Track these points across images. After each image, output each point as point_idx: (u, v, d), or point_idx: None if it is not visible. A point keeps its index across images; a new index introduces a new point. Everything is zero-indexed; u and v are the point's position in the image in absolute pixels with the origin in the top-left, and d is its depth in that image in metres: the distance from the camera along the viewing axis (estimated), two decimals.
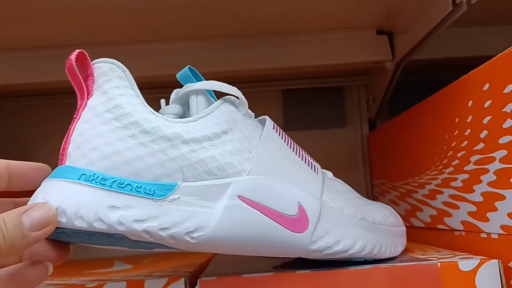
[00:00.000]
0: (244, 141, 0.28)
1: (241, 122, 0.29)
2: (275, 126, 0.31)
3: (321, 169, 0.32)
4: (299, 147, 0.31)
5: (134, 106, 0.26)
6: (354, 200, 0.32)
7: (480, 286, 0.28)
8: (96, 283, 0.29)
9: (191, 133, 0.27)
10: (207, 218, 0.26)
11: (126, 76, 0.27)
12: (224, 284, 0.28)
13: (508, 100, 0.28)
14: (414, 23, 0.43)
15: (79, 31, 0.46)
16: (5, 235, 0.22)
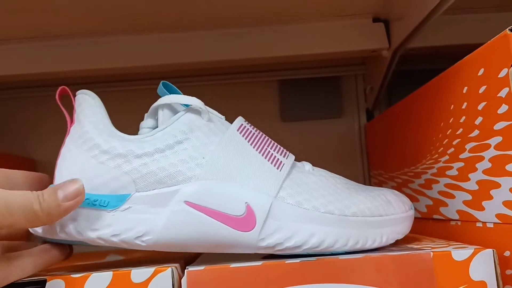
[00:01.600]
0: (200, 148, 0.30)
1: (200, 130, 0.31)
2: (242, 127, 0.32)
3: (292, 162, 0.32)
4: (269, 144, 0.32)
5: (99, 130, 0.30)
6: (327, 192, 0.31)
7: (474, 276, 0.27)
8: (82, 274, 0.28)
9: (144, 148, 0.30)
10: (154, 223, 0.29)
11: (95, 104, 0.31)
12: (211, 274, 0.27)
13: (503, 84, 0.27)
14: (409, 9, 0.42)
15: (75, 21, 0.46)
16: (42, 204, 0.27)
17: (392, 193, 0.33)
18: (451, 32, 0.46)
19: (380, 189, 0.33)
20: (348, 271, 0.27)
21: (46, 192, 0.27)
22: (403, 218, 0.32)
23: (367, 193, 0.32)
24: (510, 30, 0.26)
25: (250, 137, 0.32)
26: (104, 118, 0.31)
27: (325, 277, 0.27)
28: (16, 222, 0.26)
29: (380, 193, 0.32)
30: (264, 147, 0.32)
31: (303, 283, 0.27)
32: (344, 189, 0.32)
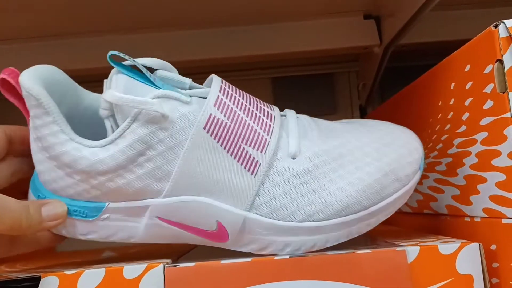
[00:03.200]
0: (165, 158, 0.28)
1: (161, 141, 0.28)
2: (210, 121, 0.28)
3: (274, 150, 0.29)
4: (245, 134, 0.28)
5: (54, 136, 0.28)
6: (307, 198, 0.29)
7: (460, 269, 0.28)
8: (75, 270, 0.29)
9: (105, 163, 0.28)
10: (135, 230, 0.30)
11: (43, 104, 0.28)
12: (190, 271, 0.28)
13: (488, 80, 0.28)
14: (399, 6, 0.42)
15: (73, 20, 0.46)
16: (27, 218, 0.28)
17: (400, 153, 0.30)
18: (441, 28, 0.47)
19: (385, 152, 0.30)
20: (338, 266, 0.28)
21: (32, 206, 0.29)
22: (392, 202, 0.30)
23: (362, 172, 0.29)
24: (495, 27, 0.27)
25: (221, 133, 0.28)
26: (58, 118, 0.28)
27: (313, 272, 0.28)
28: (3, 229, 0.27)
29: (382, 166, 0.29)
30: (237, 144, 0.28)
31: (291, 278, 0.28)
32: (330, 173, 0.29)
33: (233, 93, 0.30)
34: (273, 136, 0.29)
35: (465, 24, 0.46)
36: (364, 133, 0.31)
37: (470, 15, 0.46)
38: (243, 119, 0.29)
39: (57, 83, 0.30)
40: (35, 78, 0.28)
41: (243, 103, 0.30)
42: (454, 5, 0.45)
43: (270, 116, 0.30)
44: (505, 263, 0.28)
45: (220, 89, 0.29)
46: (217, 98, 0.29)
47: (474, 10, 0.46)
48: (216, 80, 0.30)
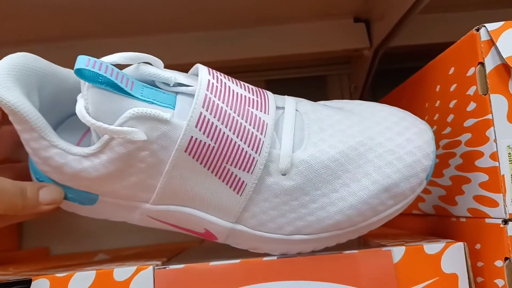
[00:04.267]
0: (148, 176, 0.27)
1: (141, 161, 0.27)
2: (191, 143, 0.26)
3: (259, 175, 0.27)
4: (229, 156, 0.26)
5: (36, 142, 0.27)
6: (296, 213, 0.28)
7: (445, 269, 0.28)
8: (66, 273, 0.29)
9: (89, 173, 0.27)
10: (130, 217, 0.30)
11: (18, 112, 0.26)
12: (180, 274, 0.28)
13: (471, 83, 0.28)
14: (388, 10, 0.43)
15: (74, 24, 0.46)
16: (24, 200, 0.28)
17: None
18: (429, 31, 0.47)
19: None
20: (323, 268, 0.28)
21: (29, 188, 0.28)
22: (385, 218, 0.28)
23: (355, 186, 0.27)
24: (477, 30, 0.27)
25: (203, 155, 0.26)
26: (40, 125, 0.27)
27: (303, 272, 0.28)
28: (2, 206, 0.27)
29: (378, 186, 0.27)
30: (221, 165, 0.26)
31: (280, 279, 0.28)
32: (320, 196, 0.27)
33: (219, 102, 0.26)
34: (262, 153, 0.27)
35: (451, 26, 0.46)
36: (370, 135, 0.28)
37: (457, 18, 0.47)
38: (228, 137, 0.26)
39: (33, 70, 0.27)
40: (6, 79, 0.26)
41: (230, 115, 0.26)
42: (440, 7, 0.46)
43: (261, 125, 0.27)
44: (489, 262, 0.28)
45: (204, 102, 0.26)
46: (199, 116, 0.26)
47: (461, 13, 0.47)
48: (202, 83, 0.27)
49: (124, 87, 0.25)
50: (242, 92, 0.28)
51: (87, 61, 0.25)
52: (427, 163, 0.27)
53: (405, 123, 0.28)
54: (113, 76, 0.25)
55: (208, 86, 0.27)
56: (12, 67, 0.26)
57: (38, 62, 0.28)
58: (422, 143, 0.27)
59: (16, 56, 0.27)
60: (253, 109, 0.27)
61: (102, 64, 0.25)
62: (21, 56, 0.27)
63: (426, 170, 0.27)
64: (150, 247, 0.51)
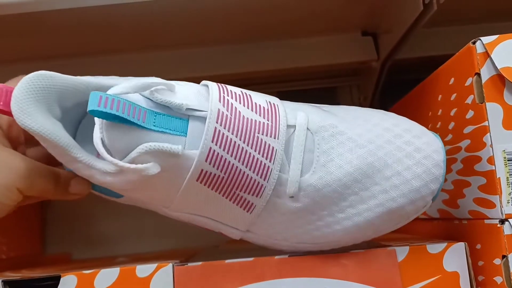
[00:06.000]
0: (163, 191, 0.28)
1: (154, 184, 0.28)
2: (202, 175, 0.27)
3: (267, 199, 0.28)
4: (240, 183, 0.28)
5: (62, 156, 0.28)
6: (300, 230, 0.30)
7: (447, 267, 0.30)
8: (92, 270, 0.31)
9: (113, 185, 0.28)
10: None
11: (42, 134, 0.27)
12: (197, 270, 0.30)
13: (469, 92, 0.30)
14: (394, 23, 0.45)
15: (89, 40, 0.49)
16: (56, 187, 0.31)
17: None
18: (433, 43, 0.49)
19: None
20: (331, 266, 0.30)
21: (63, 176, 0.31)
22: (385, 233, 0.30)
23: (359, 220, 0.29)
24: (473, 43, 0.29)
25: (214, 183, 0.28)
26: (64, 142, 0.27)
27: (310, 270, 0.30)
28: (35, 193, 0.30)
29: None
30: (232, 190, 0.28)
31: (290, 276, 0.30)
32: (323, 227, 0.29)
33: (228, 133, 0.27)
34: (271, 179, 0.28)
35: (453, 39, 0.48)
36: (380, 156, 0.28)
37: (459, 31, 0.49)
38: (238, 168, 0.27)
39: (51, 88, 0.28)
40: (27, 104, 0.27)
41: (240, 146, 0.27)
42: (442, 22, 0.48)
43: (269, 152, 0.28)
44: (488, 261, 0.30)
45: (214, 136, 0.27)
46: (209, 151, 0.27)
47: (462, 27, 0.48)
48: (211, 115, 0.27)
49: (137, 121, 0.26)
50: (252, 117, 0.28)
51: (99, 100, 0.25)
52: (434, 187, 0.28)
53: (412, 148, 0.28)
54: (125, 112, 0.26)
55: (218, 117, 0.27)
56: (30, 90, 0.27)
57: (54, 79, 0.28)
58: (432, 165, 0.28)
59: (33, 77, 0.27)
60: (262, 136, 0.28)
61: (114, 101, 0.25)
62: (38, 76, 0.27)
63: (433, 193, 0.29)
64: (168, 251, 0.54)
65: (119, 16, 0.43)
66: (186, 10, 0.44)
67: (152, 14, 0.44)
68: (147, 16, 0.44)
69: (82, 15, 0.41)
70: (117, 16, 0.43)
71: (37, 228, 0.58)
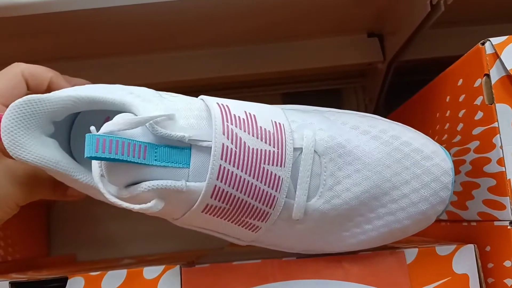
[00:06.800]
0: (169, 213, 0.28)
1: (158, 208, 0.26)
2: (207, 208, 0.27)
3: (273, 223, 0.28)
4: (246, 210, 0.27)
5: (65, 177, 0.28)
6: (307, 236, 0.29)
7: (457, 269, 0.30)
8: (99, 272, 0.31)
9: (118, 205, 0.27)
10: None
11: (41, 166, 0.27)
12: (204, 272, 0.30)
13: (478, 93, 0.30)
14: (400, 25, 0.45)
15: (92, 43, 0.49)
16: (55, 191, 0.32)
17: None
18: (440, 44, 0.49)
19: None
20: (339, 268, 0.30)
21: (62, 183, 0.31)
22: None
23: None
24: (482, 44, 0.29)
25: (219, 213, 0.27)
26: (66, 167, 0.28)
27: (319, 271, 0.30)
28: (31, 200, 0.31)
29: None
30: (237, 217, 0.28)
31: (298, 278, 0.30)
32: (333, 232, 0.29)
33: (234, 169, 0.26)
34: (276, 207, 0.27)
35: (460, 40, 0.48)
36: (386, 176, 0.28)
37: (465, 32, 0.48)
38: (243, 200, 0.27)
39: (40, 113, 0.27)
40: (17, 133, 0.26)
41: (245, 180, 0.26)
42: (449, 22, 0.48)
43: (275, 182, 0.27)
44: (498, 263, 0.29)
45: (219, 173, 0.26)
46: (214, 188, 0.26)
47: (468, 28, 0.48)
48: (216, 154, 0.26)
49: (137, 160, 0.25)
50: (258, 146, 0.27)
51: (96, 144, 0.24)
52: (440, 209, 0.29)
53: (420, 170, 0.28)
54: (124, 153, 0.25)
55: (223, 154, 0.26)
56: (20, 118, 0.27)
57: (43, 103, 0.27)
58: (439, 189, 0.28)
59: (21, 105, 0.27)
60: (268, 166, 0.27)
61: (112, 142, 0.24)
62: (25, 103, 0.27)
63: (437, 214, 0.29)
64: (174, 253, 0.53)
65: (120, 19, 0.43)
66: (190, 12, 0.44)
67: (156, 17, 0.44)
68: (150, 18, 0.44)
69: (84, 18, 0.41)
70: (118, 19, 0.43)
71: (42, 230, 0.58)
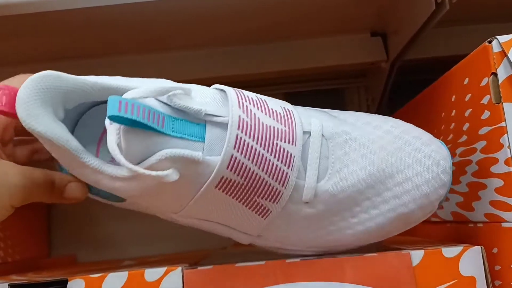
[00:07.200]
0: (177, 196, 0.28)
1: (170, 189, 0.27)
2: (222, 182, 0.27)
3: (283, 205, 0.28)
4: (258, 190, 0.27)
5: (69, 161, 0.27)
6: (313, 235, 0.30)
7: (463, 272, 0.29)
8: (100, 274, 0.31)
9: (121, 191, 0.27)
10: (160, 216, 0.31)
11: (51, 140, 0.26)
12: (208, 274, 0.30)
13: (485, 92, 0.29)
14: (403, 24, 0.44)
15: (91, 42, 0.49)
16: (51, 193, 0.30)
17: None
18: (444, 43, 0.48)
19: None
20: (344, 270, 0.29)
21: (57, 181, 0.30)
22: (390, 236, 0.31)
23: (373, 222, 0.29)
24: (489, 42, 0.29)
25: (233, 190, 0.27)
26: (73, 147, 0.26)
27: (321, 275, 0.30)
28: (28, 202, 0.29)
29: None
30: (250, 197, 0.28)
31: (302, 280, 0.29)
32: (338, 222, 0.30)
33: (249, 140, 0.27)
34: (288, 185, 0.28)
35: (464, 39, 0.47)
36: (391, 162, 0.29)
37: (470, 31, 0.48)
38: (257, 174, 0.27)
39: (57, 89, 0.27)
40: (33, 106, 0.26)
41: (260, 153, 0.27)
42: (453, 21, 0.47)
43: (288, 158, 0.28)
44: (506, 265, 0.29)
45: (235, 143, 0.26)
46: (230, 158, 0.26)
47: (473, 26, 0.48)
48: (233, 121, 0.27)
49: (156, 126, 0.25)
50: (271, 123, 0.28)
51: (118, 105, 0.24)
52: (441, 193, 0.29)
53: (421, 154, 0.29)
54: (145, 117, 0.25)
55: (239, 124, 0.27)
56: (36, 91, 0.26)
57: (61, 79, 0.27)
58: (440, 172, 0.29)
59: (39, 78, 0.26)
60: (281, 142, 0.28)
61: (134, 106, 0.25)
62: (44, 76, 0.26)
63: (440, 199, 0.29)
64: (175, 254, 0.53)
65: (123, 18, 0.43)
66: (192, 11, 0.43)
67: (157, 16, 0.44)
68: (152, 17, 0.44)
69: (86, 16, 0.41)
70: (121, 17, 0.43)
71: (42, 231, 0.58)
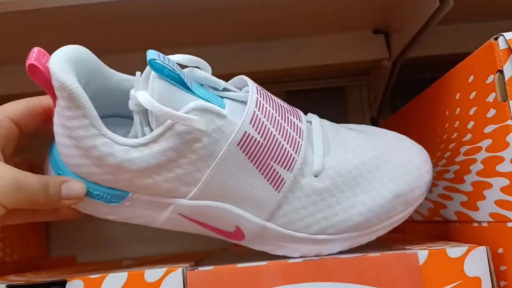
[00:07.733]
0: (195, 167, 0.28)
1: (194, 152, 0.28)
2: (244, 138, 0.28)
3: (296, 175, 0.30)
4: (275, 153, 0.29)
5: (84, 130, 0.28)
6: (325, 213, 0.30)
7: (468, 272, 0.29)
8: (99, 274, 0.30)
9: (135, 164, 0.28)
10: (155, 219, 0.32)
11: (76, 98, 0.27)
12: (209, 275, 0.29)
13: (490, 90, 0.29)
14: (406, 21, 0.44)
15: (91, 40, 0.48)
16: (46, 195, 0.29)
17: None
18: (447, 41, 0.48)
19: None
20: (348, 270, 0.29)
21: (51, 182, 0.29)
22: (396, 221, 0.32)
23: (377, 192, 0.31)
24: (495, 39, 0.28)
25: (253, 150, 0.29)
26: (92, 115, 0.28)
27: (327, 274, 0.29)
28: (22, 205, 0.28)
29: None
30: (267, 161, 0.29)
31: (304, 281, 0.29)
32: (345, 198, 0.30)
33: (267, 106, 0.30)
34: (300, 154, 0.30)
35: (468, 37, 0.47)
36: (382, 150, 0.32)
37: (474, 29, 0.48)
38: (275, 137, 0.29)
39: (86, 62, 0.29)
40: (66, 64, 0.27)
41: (276, 118, 0.30)
42: (457, 19, 0.47)
43: (299, 130, 0.31)
44: (511, 266, 0.28)
45: (257, 104, 0.29)
46: (253, 114, 0.29)
47: (477, 24, 0.47)
48: (253, 90, 0.30)
49: (187, 82, 0.28)
50: (280, 102, 0.32)
51: (157, 55, 0.27)
52: (428, 178, 0.32)
53: (407, 144, 0.33)
54: (179, 73, 0.28)
55: (258, 92, 0.30)
56: (69, 56, 0.28)
57: (90, 56, 0.30)
58: (423, 160, 0.32)
59: (73, 47, 0.29)
60: (292, 117, 0.31)
61: (170, 60, 0.28)
62: (77, 48, 0.29)
63: (426, 184, 0.32)
64: (174, 255, 0.53)
65: (125, 15, 0.43)
66: (193, 8, 0.43)
67: (158, 13, 0.43)
68: (153, 14, 0.43)
69: (87, 13, 0.41)
70: (123, 14, 0.42)
71: (41, 231, 0.58)
